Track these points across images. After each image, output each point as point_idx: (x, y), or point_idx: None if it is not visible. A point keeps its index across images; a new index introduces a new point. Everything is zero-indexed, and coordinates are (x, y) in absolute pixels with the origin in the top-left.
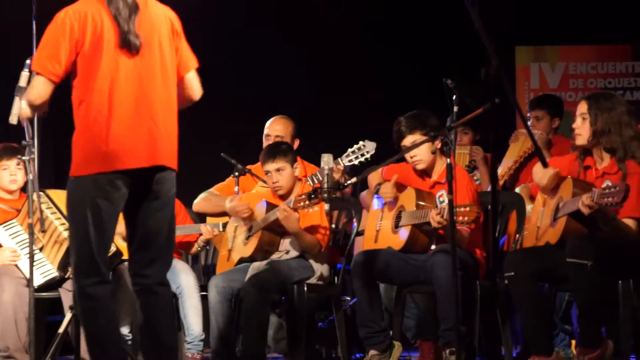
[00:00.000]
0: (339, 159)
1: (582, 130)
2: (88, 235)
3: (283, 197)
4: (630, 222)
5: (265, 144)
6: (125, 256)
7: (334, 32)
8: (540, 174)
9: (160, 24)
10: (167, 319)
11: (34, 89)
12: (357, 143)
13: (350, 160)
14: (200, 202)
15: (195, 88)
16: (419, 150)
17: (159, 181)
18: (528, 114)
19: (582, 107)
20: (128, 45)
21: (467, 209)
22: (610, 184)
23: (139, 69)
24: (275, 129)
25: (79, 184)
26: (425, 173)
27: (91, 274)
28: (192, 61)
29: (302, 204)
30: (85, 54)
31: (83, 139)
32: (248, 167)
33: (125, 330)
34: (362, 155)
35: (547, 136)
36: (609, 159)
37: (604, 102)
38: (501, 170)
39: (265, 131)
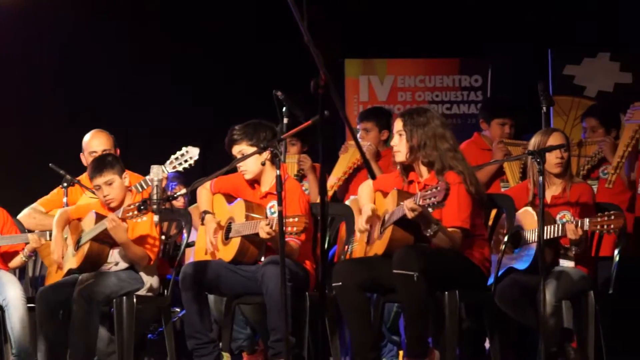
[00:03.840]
0: (163, 166)
1: (400, 147)
2: None
3: (115, 209)
4: (453, 232)
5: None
6: None
7: (165, 41)
8: (360, 221)
9: None
10: None
11: None
12: (180, 149)
13: (175, 167)
14: (23, 219)
15: None
16: (246, 161)
17: None
18: (358, 126)
19: (398, 125)
20: None
21: (296, 219)
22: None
23: None
24: (100, 143)
25: None
26: (256, 183)
27: None
28: None
29: (130, 214)
30: None
31: None
32: (77, 178)
33: None
34: (186, 161)
35: (377, 148)
36: (429, 172)
37: (418, 117)
38: (330, 181)
39: (89, 149)
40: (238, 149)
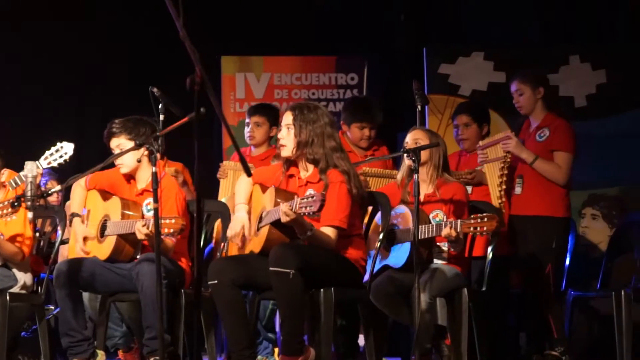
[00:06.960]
0: (37, 162)
1: (287, 141)
2: None
3: None
4: (329, 231)
5: None
6: None
7: (41, 33)
8: (232, 228)
9: None
10: None
11: None
12: (55, 145)
13: (49, 163)
14: None
15: None
16: (123, 156)
17: None
18: (247, 120)
19: (288, 118)
20: None
21: (173, 221)
22: (310, 192)
23: None
24: None
25: None
26: (132, 179)
27: None
28: None
29: (3, 212)
30: None
31: None
32: None
33: None
34: (61, 156)
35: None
36: (312, 169)
37: (309, 113)
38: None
39: None
40: (116, 142)
